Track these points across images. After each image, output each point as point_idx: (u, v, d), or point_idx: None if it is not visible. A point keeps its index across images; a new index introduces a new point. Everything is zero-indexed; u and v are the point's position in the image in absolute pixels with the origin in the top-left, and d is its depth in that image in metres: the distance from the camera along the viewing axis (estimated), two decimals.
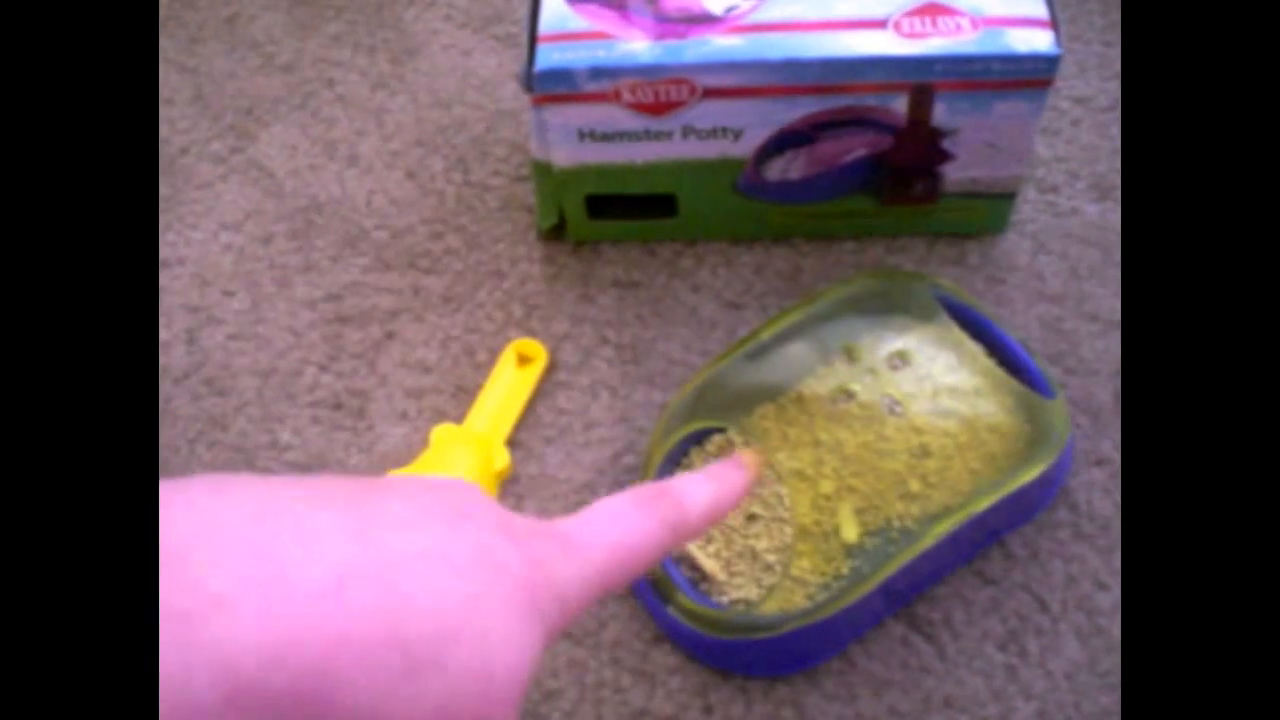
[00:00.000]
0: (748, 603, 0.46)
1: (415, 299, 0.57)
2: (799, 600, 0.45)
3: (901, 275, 0.53)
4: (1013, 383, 0.48)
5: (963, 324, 0.50)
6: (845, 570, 0.45)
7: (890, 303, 0.51)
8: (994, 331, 0.50)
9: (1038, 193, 0.59)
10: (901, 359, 0.49)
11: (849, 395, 0.48)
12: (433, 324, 0.57)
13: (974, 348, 0.49)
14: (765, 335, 0.50)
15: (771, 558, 0.46)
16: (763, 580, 0.46)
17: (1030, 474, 0.46)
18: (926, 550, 0.45)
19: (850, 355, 0.49)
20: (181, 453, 0.53)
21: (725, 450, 0.49)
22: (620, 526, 0.31)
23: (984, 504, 0.45)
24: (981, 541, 0.48)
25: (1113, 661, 0.46)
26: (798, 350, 0.49)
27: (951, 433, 0.46)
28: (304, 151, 0.64)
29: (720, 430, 0.49)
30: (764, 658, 0.46)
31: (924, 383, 0.48)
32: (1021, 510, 0.48)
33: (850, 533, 0.45)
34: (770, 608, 0.45)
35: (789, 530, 0.46)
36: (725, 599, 0.46)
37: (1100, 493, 0.50)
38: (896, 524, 0.45)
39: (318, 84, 0.66)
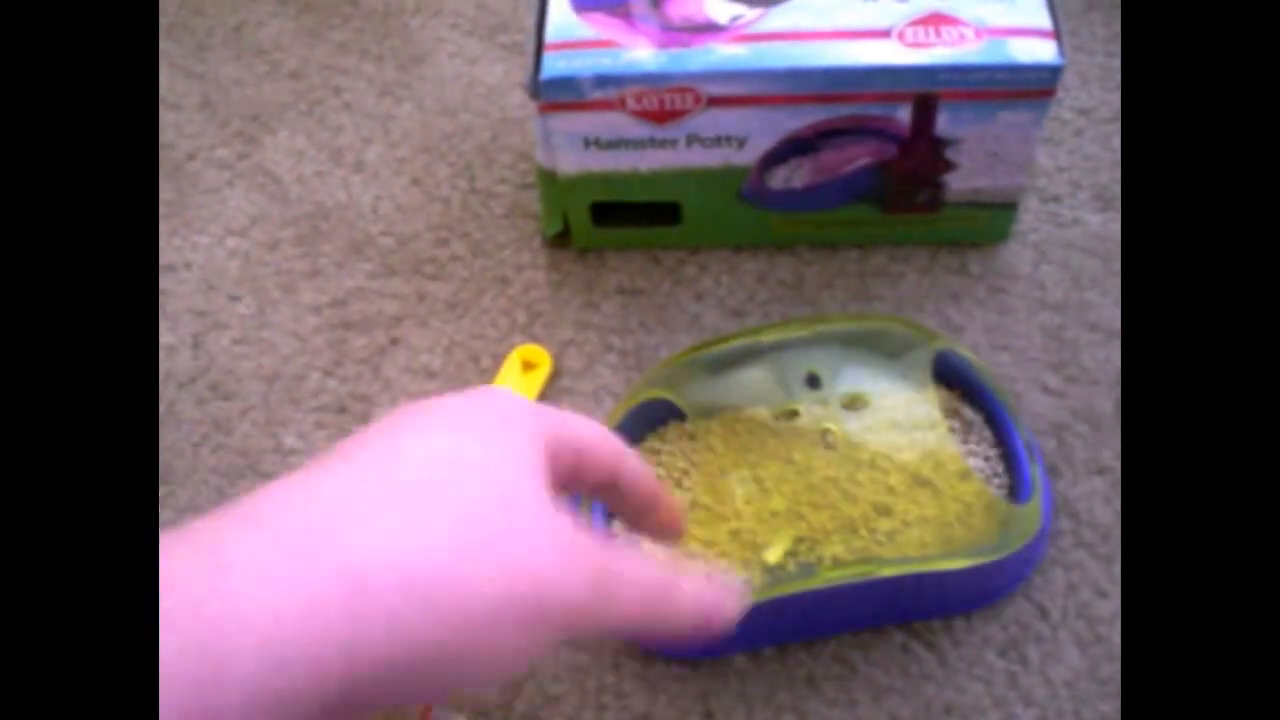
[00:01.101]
0: None
1: (420, 305, 0.58)
2: None
3: (911, 328, 0.51)
4: (977, 481, 0.46)
5: (970, 393, 0.50)
6: (757, 583, 0.44)
7: (881, 349, 0.49)
8: (999, 415, 0.49)
9: (1040, 202, 0.59)
10: (858, 401, 0.48)
11: (792, 415, 0.47)
12: (437, 330, 0.57)
13: (945, 427, 0.48)
14: (749, 341, 0.50)
15: (697, 547, 0.46)
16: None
17: (950, 564, 0.44)
18: (819, 591, 0.44)
19: (810, 384, 0.48)
20: (186, 456, 0.54)
21: (679, 441, 0.49)
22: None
23: (889, 570, 0.44)
24: (886, 611, 0.47)
25: (1113, 669, 0.46)
26: (764, 371, 0.49)
27: (919, 501, 0.45)
28: (310, 158, 0.64)
29: (680, 417, 0.49)
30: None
31: (875, 435, 0.47)
32: (936, 599, 0.47)
33: (773, 555, 0.45)
34: None
35: (723, 529, 0.46)
36: None
37: (1100, 501, 0.50)
38: (827, 562, 0.45)
39: (324, 91, 0.67)
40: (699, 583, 0.35)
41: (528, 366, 0.55)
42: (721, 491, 0.47)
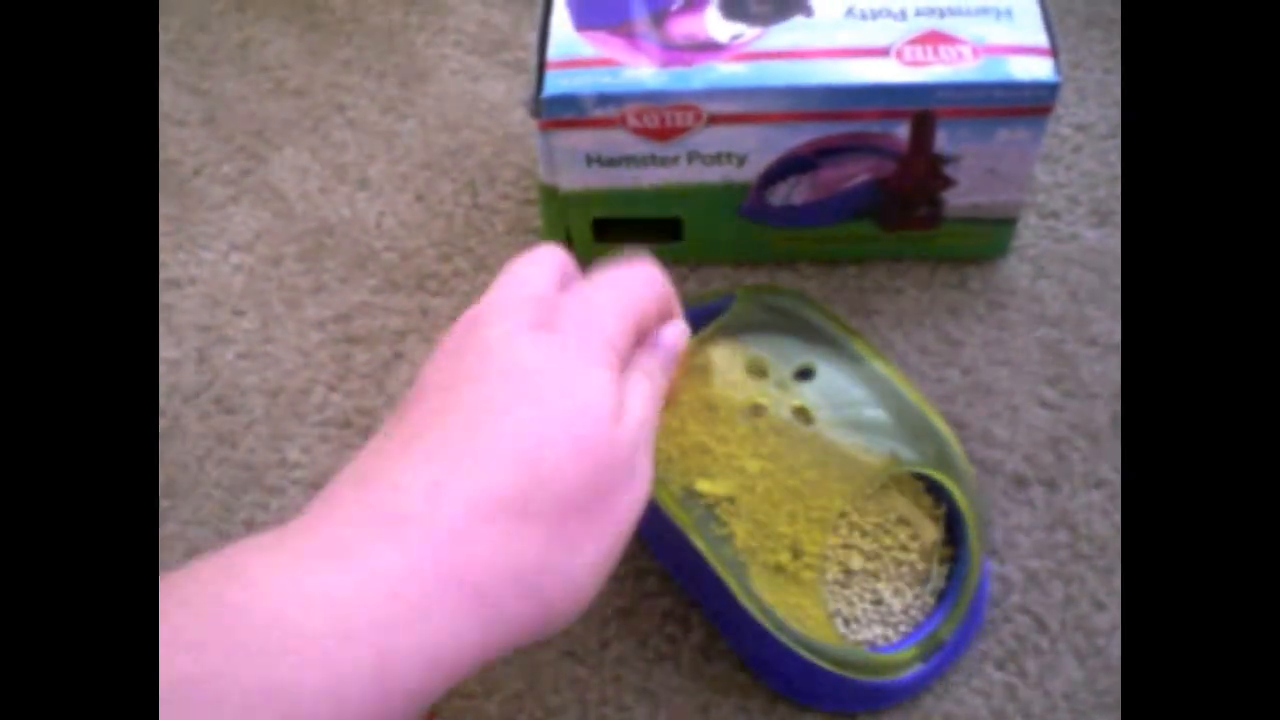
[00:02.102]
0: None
1: (424, 320, 0.58)
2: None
3: (955, 461, 0.48)
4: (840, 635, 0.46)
5: (955, 540, 0.48)
6: (674, 493, 0.45)
7: (895, 419, 0.48)
8: (959, 574, 0.47)
9: (1038, 218, 0.60)
10: (807, 416, 0.47)
11: (759, 410, 0.47)
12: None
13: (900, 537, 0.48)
14: (824, 320, 0.50)
15: (673, 423, 0.46)
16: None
17: (777, 631, 0.44)
18: (693, 551, 0.44)
19: (801, 376, 0.47)
20: (190, 470, 0.54)
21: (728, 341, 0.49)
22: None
23: (740, 594, 0.44)
24: (716, 613, 0.47)
25: (1111, 681, 0.46)
26: (788, 339, 0.48)
27: (818, 572, 0.45)
28: (314, 174, 0.65)
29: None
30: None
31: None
32: (750, 649, 0.47)
33: (706, 486, 0.45)
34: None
35: (700, 431, 0.46)
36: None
37: (1098, 514, 0.50)
38: (723, 533, 0.44)
39: (328, 108, 0.67)
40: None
41: None
42: (724, 414, 0.46)
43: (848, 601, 0.47)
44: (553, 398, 0.34)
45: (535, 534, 0.32)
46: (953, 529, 0.48)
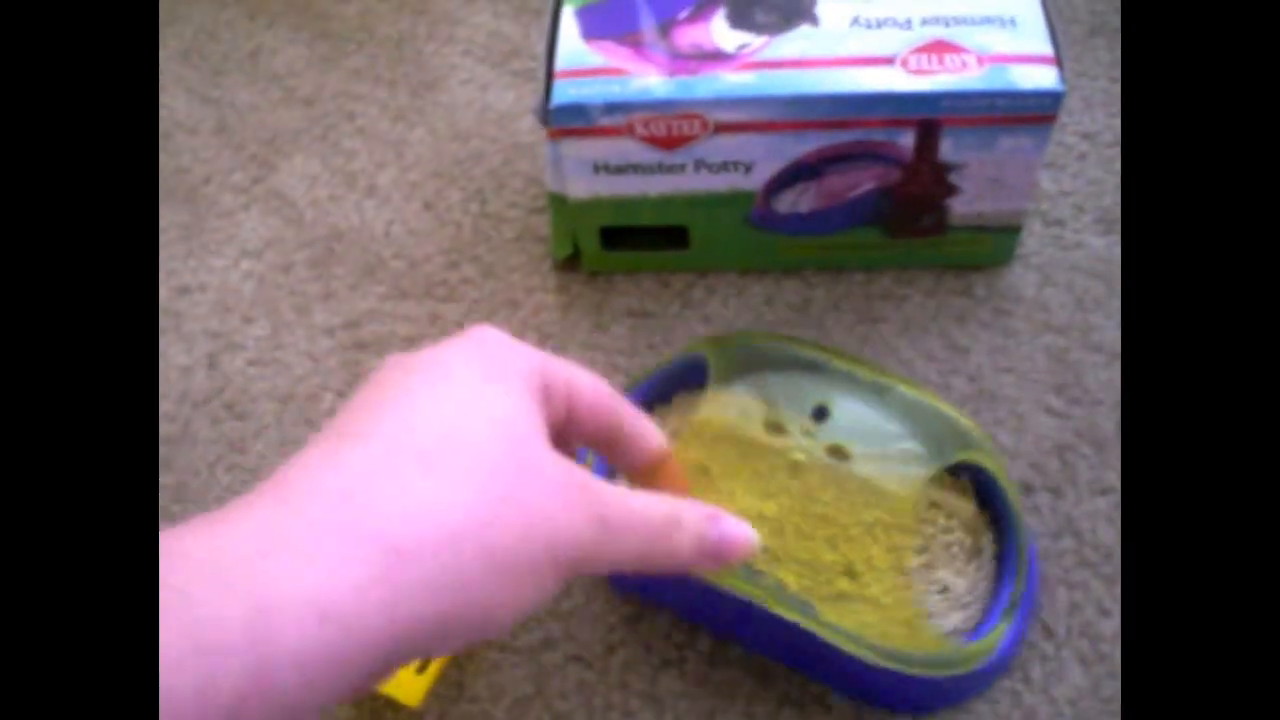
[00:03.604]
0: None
1: (432, 327, 0.59)
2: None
3: (970, 430, 0.48)
4: (930, 627, 0.46)
5: (999, 526, 0.48)
6: None
7: (925, 430, 0.48)
8: (1008, 560, 0.47)
9: (1043, 226, 0.60)
10: (842, 453, 0.46)
11: (780, 431, 0.47)
12: None
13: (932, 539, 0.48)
14: (813, 353, 0.48)
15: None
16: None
17: (868, 656, 0.43)
18: (754, 608, 0.43)
19: (818, 416, 0.47)
20: (201, 475, 0.54)
21: (681, 428, 0.49)
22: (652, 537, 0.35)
23: (819, 631, 0.43)
24: (812, 665, 0.46)
25: (1115, 687, 0.47)
26: (789, 383, 0.48)
27: (885, 585, 0.45)
28: (324, 182, 0.65)
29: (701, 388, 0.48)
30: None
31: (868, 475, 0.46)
32: (854, 682, 0.46)
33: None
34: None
35: (709, 496, 0.45)
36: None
37: (1104, 521, 0.50)
38: (770, 580, 0.44)
39: (338, 117, 0.68)
40: (700, 519, 0.36)
41: None
42: (728, 469, 0.46)
43: (916, 600, 0.46)
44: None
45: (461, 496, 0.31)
46: (981, 495, 0.49)
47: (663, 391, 0.51)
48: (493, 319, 0.58)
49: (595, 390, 0.38)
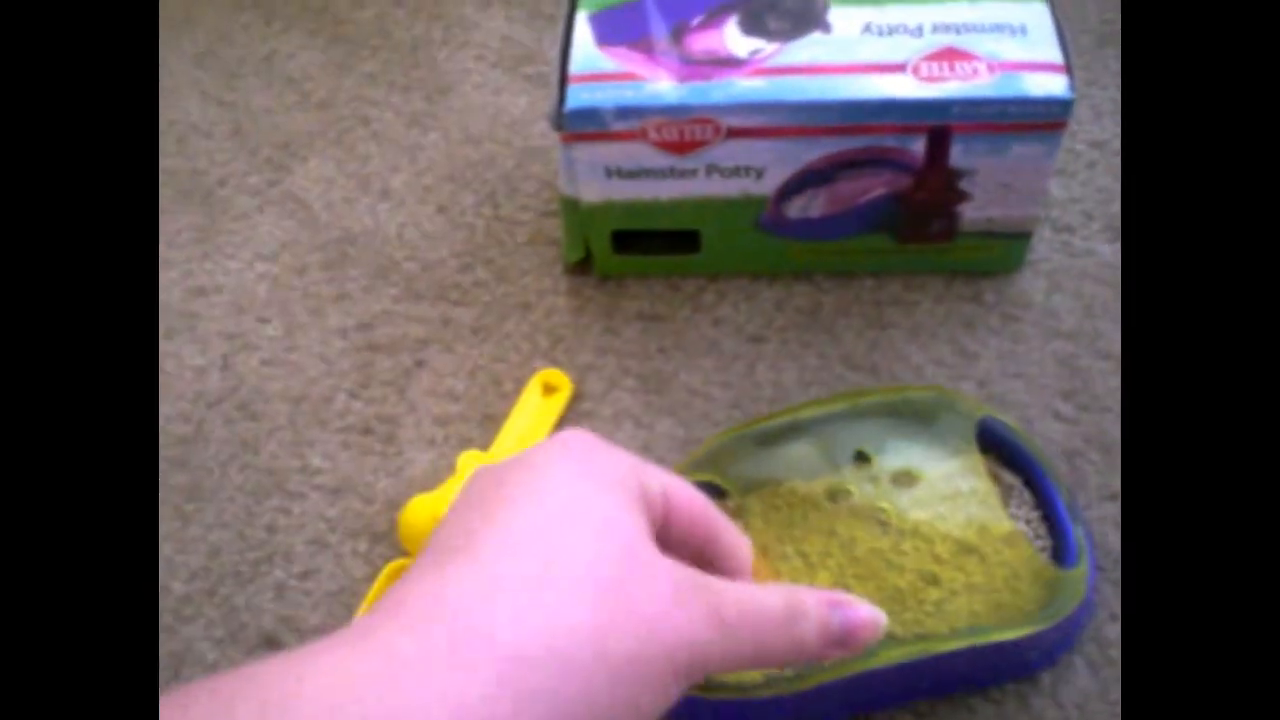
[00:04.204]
0: None
1: (444, 329, 0.59)
2: (755, 673, 0.45)
3: (951, 396, 0.51)
4: (1026, 546, 0.46)
5: (1010, 457, 0.50)
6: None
7: (924, 420, 0.50)
8: (1041, 479, 0.49)
9: (1053, 232, 0.60)
10: (909, 478, 0.48)
11: (845, 495, 0.48)
12: (461, 354, 0.58)
13: (992, 494, 0.48)
14: (791, 418, 0.50)
15: None
16: None
17: (1005, 635, 0.44)
18: (875, 671, 0.44)
19: (859, 461, 0.48)
20: (214, 474, 0.55)
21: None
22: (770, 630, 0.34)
23: (946, 646, 0.44)
24: (944, 684, 0.46)
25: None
26: (810, 446, 0.49)
27: (966, 569, 0.46)
28: (338, 185, 0.66)
29: (721, 494, 0.49)
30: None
31: (924, 508, 0.47)
32: (991, 669, 0.46)
33: None
34: (729, 674, 0.44)
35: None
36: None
37: (1112, 526, 0.51)
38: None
39: (353, 120, 0.69)
40: (822, 605, 0.36)
41: (549, 390, 0.56)
42: (765, 570, 0.47)
43: (997, 521, 0.47)
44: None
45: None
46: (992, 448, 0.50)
47: None
48: (505, 322, 0.59)
49: (691, 499, 0.37)
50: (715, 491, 0.49)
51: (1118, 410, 0.54)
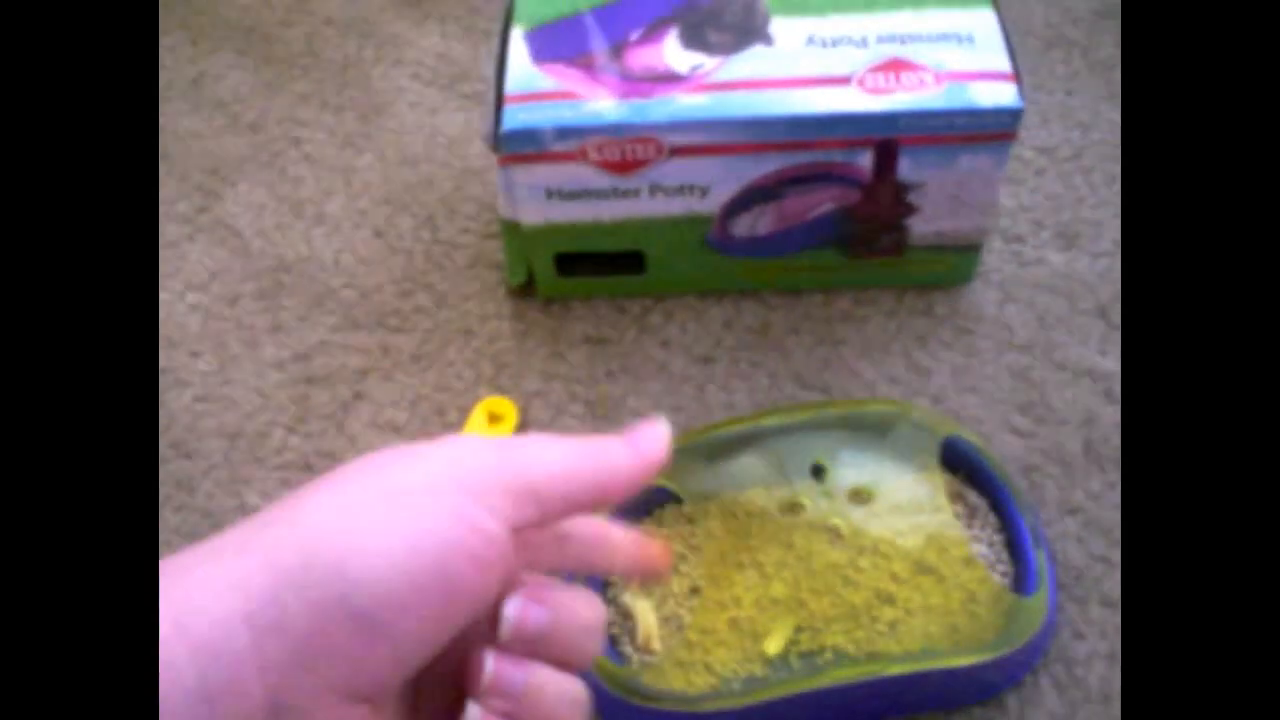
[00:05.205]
0: (652, 669, 0.45)
1: (384, 358, 0.57)
2: (701, 684, 0.44)
3: (913, 411, 0.50)
4: (985, 570, 0.46)
5: (975, 478, 0.49)
6: (759, 674, 0.44)
7: (882, 434, 0.49)
8: (1006, 503, 0.48)
9: (1003, 242, 0.60)
10: (864, 494, 0.47)
11: (799, 508, 0.47)
12: (402, 383, 0.56)
13: (954, 515, 0.47)
14: (752, 425, 0.49)
15: (695, 636, 0.45)
16: (676, 654, 0.45)
17: (957, 661, 0.44)
18: (824, 689, 0.43)
19: (815, 474, 0.48)
20: None
21: (677, 525, 0.48)
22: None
23: (898, 669, 0.43)
24: (895, 705, 0.45)
25: (1090, 712, 0.46)
26: (766, 457, 0.48)
27: (924, 590, 0.45)
28: (271, 211, 0.64)
29: (677, 501, 0.48)
30: None
31: (881, 523, 0.46)
32: (942, 693, 0.45)
33: (773, 646, 0.44)
34: (676, 683, 0.44)
35: (722, 616, 0.45)
36: (634, 658, 0.45)
37: (1073, 542, 0.50)
38: (829, 655, 0.44)
39: (284, 143, 0.66)
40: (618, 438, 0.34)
41: (494, 419, 0.54)
42: (720, 577, 0.46)
43: (956, 544, 0.46)
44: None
45: None
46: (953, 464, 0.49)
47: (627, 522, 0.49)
48: (447, 348, 0.57)
49: (564, 479, 0.33)
50: (670, 498, 0.48)
51: (1074, 423, 0.53)
